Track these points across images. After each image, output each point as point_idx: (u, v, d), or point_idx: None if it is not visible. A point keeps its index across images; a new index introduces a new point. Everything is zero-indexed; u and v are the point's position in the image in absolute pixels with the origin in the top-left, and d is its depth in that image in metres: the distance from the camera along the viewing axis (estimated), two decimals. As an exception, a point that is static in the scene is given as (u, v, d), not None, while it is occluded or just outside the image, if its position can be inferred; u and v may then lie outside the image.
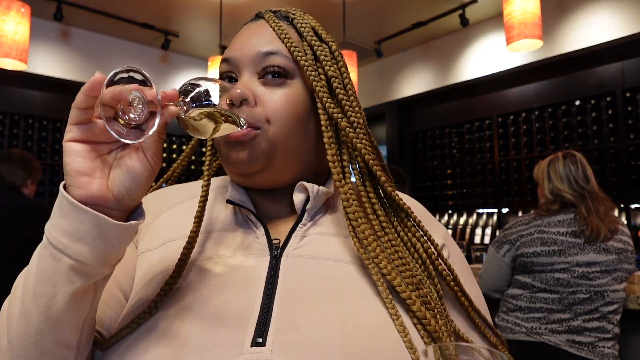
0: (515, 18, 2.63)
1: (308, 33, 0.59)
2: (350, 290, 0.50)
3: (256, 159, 0.55)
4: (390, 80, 5.01)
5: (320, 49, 0.58)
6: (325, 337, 0.45)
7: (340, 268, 0.53)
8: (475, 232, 4.63)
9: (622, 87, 3.63)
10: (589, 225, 1.61)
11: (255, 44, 0.58)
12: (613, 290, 1.61)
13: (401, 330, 0.47)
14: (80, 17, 4.03)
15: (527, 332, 1.65)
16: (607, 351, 1.59)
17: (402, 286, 0.50)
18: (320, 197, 0.58)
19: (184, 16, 4.11)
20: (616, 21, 3.37)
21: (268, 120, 0.55)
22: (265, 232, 0.56)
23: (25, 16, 2.71)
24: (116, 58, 4.50)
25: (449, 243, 0.62)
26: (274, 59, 0.57)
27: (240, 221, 0.59)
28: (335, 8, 3.86)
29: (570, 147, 3.82)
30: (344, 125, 0.55)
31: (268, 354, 0.43)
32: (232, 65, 0.59)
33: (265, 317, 0.46)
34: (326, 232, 0.57)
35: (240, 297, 0.49)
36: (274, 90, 0.56)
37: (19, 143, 4.27)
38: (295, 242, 0.55)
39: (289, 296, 0.49)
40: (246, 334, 0.45)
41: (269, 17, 0.60)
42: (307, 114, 0.58)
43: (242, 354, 0.44)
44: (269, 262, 0.53)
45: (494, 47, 4.09)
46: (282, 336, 0.45)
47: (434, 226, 0.63)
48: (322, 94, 0.56)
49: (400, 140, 5.16)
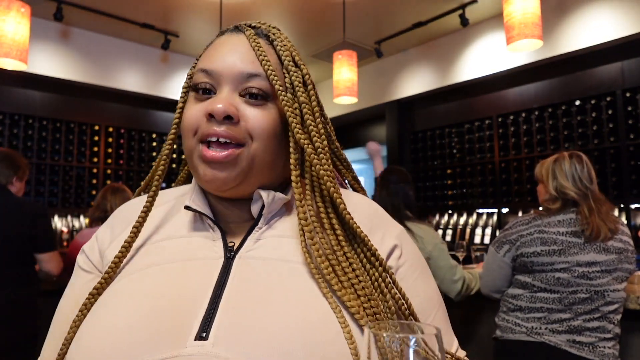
0: (515, 18, 2.63)
1: (286, 57, 0.61)
2: (297, 288, 0.52)
3: (234, 178, 0.58)
4: (390, 80, 5.01)
5: (295, 75, 0.60)
6: (266, 330, 0.47)
7: (290, 268, 0.55)
8: (475, 232, 4.63)
9: (622, 87, 3.63)
10: (590, 225, 1.61)
11: (238, 62, 0.59)
12: (613, 290, 1.61)
13: (342, 322, 0.49)
14: (80, 17, 4.03)
15: (527, 332, 1.65)
16: (607, 351, 1.59)
17: (339, 285, 0.52)
18: (276, 203, 0.61)
19: (184, 16, 4.11)
20: (616, 21, 3.37)
21: (251, 136, 0.58)
22: (222, 236, 0.59)
23: (25, 16, 2.71)
24: (116, 58, 4.50)
25: (403, 242, 0.64)
26: (256, 82, 0.59)
27: (199, 226, 0.61)
28: (335, 8, 3.86)
29: (570, 147, 3.82)
30: (309, 152, 0.58)
31: (210, 347, 0.46)
32: (212, 77, 0.60)
33: (211, 315, 0.49)
34: (280, 235, 0.59)
35: (190, 297, 0.51)
36: (255, 109, 0.58)
37: (19, 143, 4.27)
38: (250, 244, 0.58)
39: (236, 295, 0.51)
40: (192, 329, 0.48)
41: (249, 35, 0.61)
42: (282, 131, 0.60)
43: (185, 346, 0.47)
44: (222, 263, 0.55)
45: (494, 47, 4.10)
46: (224, 331, 0.48)
47: (389, 228, 0.65)
48: (291, 119, 0.58)
49: (400, 140, 5.16)
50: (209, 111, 0.56)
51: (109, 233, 0.65)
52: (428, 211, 4.99)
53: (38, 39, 3.94)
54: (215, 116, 0.56)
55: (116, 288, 0.55)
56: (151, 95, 4.73)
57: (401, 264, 0.61)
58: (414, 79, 4.77)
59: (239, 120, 0.57)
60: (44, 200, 4.37)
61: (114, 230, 0.65)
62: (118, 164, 4.85)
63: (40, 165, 4.39)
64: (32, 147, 4.34)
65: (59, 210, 4.53)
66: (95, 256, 0.64)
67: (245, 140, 0.57)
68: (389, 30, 4.34)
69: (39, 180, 4.37)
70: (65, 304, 0.62)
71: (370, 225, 0.62)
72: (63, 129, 4.52)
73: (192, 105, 0.60)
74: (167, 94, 4.81)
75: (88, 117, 4.69)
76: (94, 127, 4.71)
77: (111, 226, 0.66)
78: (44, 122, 4.41)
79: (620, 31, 3.34)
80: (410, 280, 0.61)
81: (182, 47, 4.74)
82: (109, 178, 4.75)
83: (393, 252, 0.61)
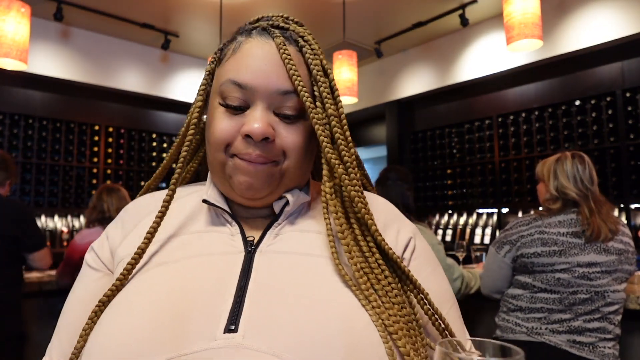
0: (515, 18, 2.63)
1: (315, 67, 0.59)
2: (321, 280, 0.53)
3: (267, 189, 0.59)
4: (390, 80, 5.01)
5: (323, 87, 0.59)
6: (295, 321, 0.47)
7: (312, 261, 0.55)
8: (475, 232, 4.63)
9: (622, 87, 3.63)
10: (591, 225, 1.61)
11: (272, 76, 0.57)
12: (614, 290, 1.61)
13: (373, 313, 0.49)
14: (80, 17, 4.03)
15: (527, 332, 1.65)
16: (607, 351, 1.59)
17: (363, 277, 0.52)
18: (298, 202, 0.62)
19: (184, 16, 4.11)
20: (616, 21, 3.37)
21: (285, 154, 0.58)
22: (240, 231, 0.59)
23: (25, 16, 2.71)
24: (116, 58, 4.50)
25: (416, 237, 0.65)
26: (291, 99, 0.58)
27: (216, 221, 0.61)
28: (335, 8, 3.86)
29: (570, 147, 3.82)
30: (340, 172, 0.57)
31: (240, 339, 0.46)
32: (245, 92, 0.57)
33: (238, 308, 0.49)
34: (300, 229, 0.60)
35: (213, 291, 0.51)
36: (288, 126, 0.58)
37: (19, 143, 4.27)
38: (270, 239, 0.58)
39: (262, 288, 0.51)
40: (219, 322, 0.48)
41: (279, 44, 0.58)
42: (311, 143, 0.61)
43: (215, 339, 0.46)
44: (244, 258, 0.55)
45: (494, 47, 4.09)
46: (253, 323, 0.47)
47: (403, 222, 0.66)
48: (322, 137, 0.57)
49: (400, 140, 5.16)
50: (247, 132, 0.56)
51: (120, 230, 0.64)
52: (428, 211, 4.99)
53: (38, 39, 3.94)
54: (254, 137, 0.56)
55: (136, 284, 0.55)
56: (151, 95, 4.73)
57: (415, 258, 0.62)
58: (414, 79, 4.77)
59: (274, 140, 0.57)
60: (44, 200, 4.37)
61: (125, 227, 0.64)
62: (118, 164, 4.84)
63: (40, 165, 4.38)
64: (32, 147, 4.34)
65: (59, 210, 4.53)
66: (106, 254, 0.63)
67: (279, 158, 0.58)
68: (389, 30, 4.34)
69: (39, 180, 4.37)
70: (73, 302, 0.62)
71: (385, 221, 0.63)
72: (63, 129, 4.52)
73: (224, 119, 0.58)
74: (167, 94, 4.80)
75: (88, 117, 4.69)
76: (94, 127, 4.70)
77: (122, 223, 0.65)
78: (44, 122, 4.41)
79: (620, 31, 3.34)
80: (423, 273, 0.62)
81: (182, 47, 4.74)
82: (109, 178, 4.74)
83: (408, 245, 0.62)
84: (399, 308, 0.52)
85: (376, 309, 0.50)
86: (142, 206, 0.67)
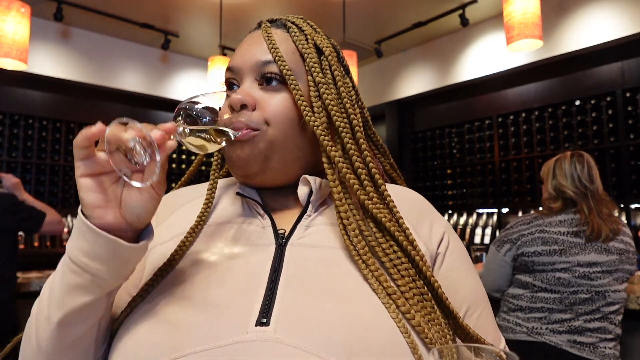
0: (515, 18, 2.63)
1: (300, 42, 0.63)
2: (351, 276, 0.52)
3: (255, 159, 0.58)
4: (390, 80, 5.01)
5: (309, 58, 0.61)
6: (326, 318, 0.47)
7: (343, 256, 0.55)
8: (475, 232, 4.63)
9: (622, 87, 3.63)
10: (590, 224, 1.61)
11: (255, 53, 0.62)
12: (614, 290, 1.61)
13: (395, 316, 0.49)
14: (80, 17, 4.02)
15: (527, 332, 1.65)
16: (608, 352, 1.59)
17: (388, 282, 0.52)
18: (324, 189, 0.61)
19: (184, 16, 4.11)
20: (616, 21, 3.37)
21: (267, 122, 0.59)
22: (271, 223, 0.59)
23: (25, 16, 2.71)
24: (116, 58, 4.50)
25: (450, 232, 0.64)
26: (271, 67, 0.60)
27: (248, 213, 0.62)
28: (335, 8, 3.86)
29: (570, 147, 3.82)
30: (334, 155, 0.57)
31: (272, 333, 0.46)
32: (235, 73, 0.63)
33: (270, 301, 0.49)
34: (331, 223, 0.59)
35: (244, 283, 0.52)
36: (272, 95, 0.60)
37: (19, 143, 4.27)
38: (301, 232, 0.58)
39: (292, 282, 0.51)
40: (251, 315, 0.48)
41: (264, 28, 0.64)
42: (302, 117, 0.60)
43: (247, 332, 0.46)
44: (275, 250, 0.56)
45: (494, 47, 4.09)
46: (285, 317, 0.47)
47: (436, 216, 0.66)
48: (300, 101, 0.58)
49: (400, 140, 5.16)
50: (229, 103, 0.58)
51: (154, 221, 0.65)
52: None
53: (38, 39, 3.94)
54: (234, 107, 0.58)
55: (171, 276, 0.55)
56: (151, 95, 4.73)
57: (450, 253, 0.61)
58: (414, 79, 4.77)
59: (255, 108, 0.59)
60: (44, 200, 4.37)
61: (157, 218, 0.66)
62: (118, 164, 4.84)
63: (40, 165, 4.38)
64: (32, 147, 4.34)
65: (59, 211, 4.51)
66: None
67: (260, 125, 0.58)
68: (389, 30, 4.34)
69: (39, 180, 4.37)
70: None
71: (417, 215, 0.63)
72: (63, 129, 4.52)
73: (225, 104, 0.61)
74: (167, 94, 4.80)
75: (88, 117, 4.69)
76: (94, 127, 4.71)
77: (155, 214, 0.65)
78: (44, 122, 4.41)
79: (620, 31, 3.34)
80: (459, 269, 0.61)
81: (182, 47, 4.74)
82: (109, 178, 4.74)
83: (443, 239, 0.62)
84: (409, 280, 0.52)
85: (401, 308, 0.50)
86: (175, 199, 0.69)
